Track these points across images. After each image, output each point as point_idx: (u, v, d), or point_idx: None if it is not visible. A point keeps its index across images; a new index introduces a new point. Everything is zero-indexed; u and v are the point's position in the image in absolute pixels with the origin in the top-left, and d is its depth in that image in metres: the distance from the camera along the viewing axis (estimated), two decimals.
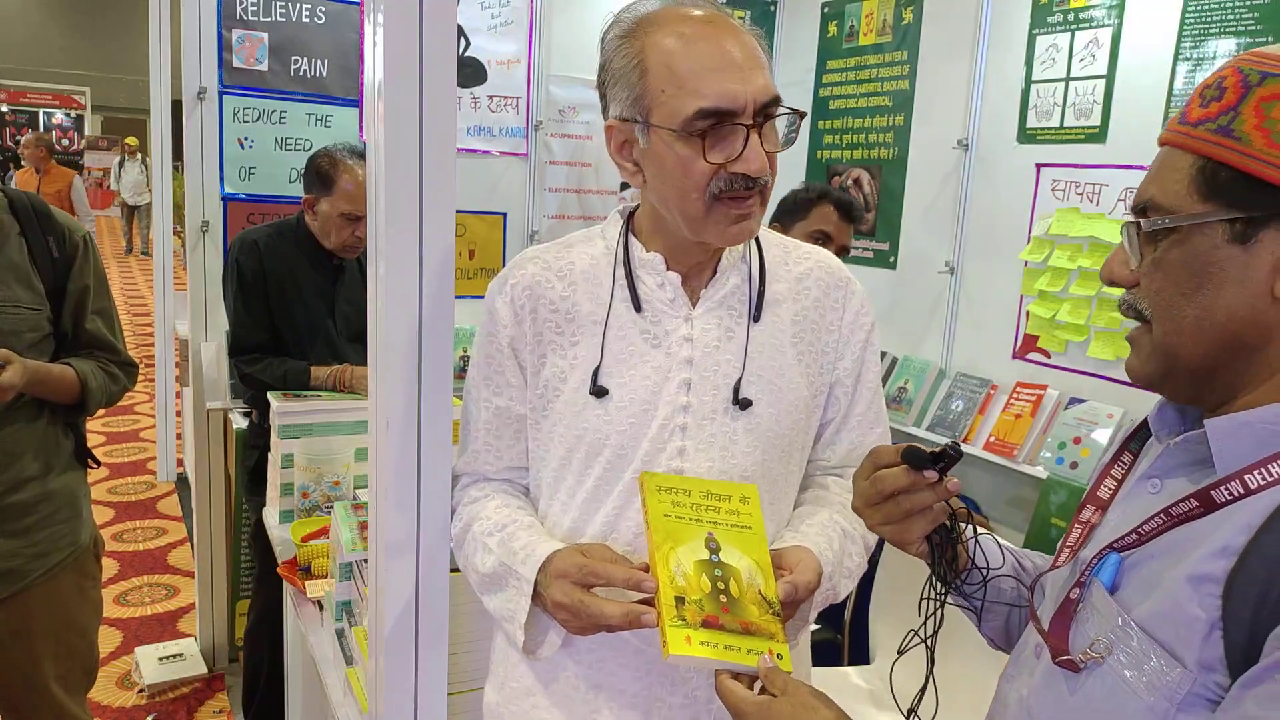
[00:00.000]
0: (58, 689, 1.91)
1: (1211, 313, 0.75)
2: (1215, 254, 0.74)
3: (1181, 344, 0.77)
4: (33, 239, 1.78)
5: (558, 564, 1.07)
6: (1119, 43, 2.68)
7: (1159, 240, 0.76)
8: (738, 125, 1.05)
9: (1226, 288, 0.74)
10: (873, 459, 0.94)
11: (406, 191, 1.01)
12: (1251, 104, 0.71)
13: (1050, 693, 0.81)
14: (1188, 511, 0.74)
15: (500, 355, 1.21)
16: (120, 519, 4.51)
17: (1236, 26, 2.40)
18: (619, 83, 1.10)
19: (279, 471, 2.11)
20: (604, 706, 1.17)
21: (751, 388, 1.16)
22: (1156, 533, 0.76)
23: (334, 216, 2.48)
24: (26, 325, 1.75)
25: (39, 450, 1.82)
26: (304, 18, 3.14)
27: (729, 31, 1.07)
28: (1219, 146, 0.73)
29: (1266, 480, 0.70)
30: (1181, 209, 0.75)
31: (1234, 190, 0.72)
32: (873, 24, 3.48)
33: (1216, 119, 0.73)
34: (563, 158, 3.65)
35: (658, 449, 1.14)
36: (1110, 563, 0.78)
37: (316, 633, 1.74)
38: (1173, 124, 0.78)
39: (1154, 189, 0.77)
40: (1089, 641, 0.77)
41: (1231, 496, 0.72)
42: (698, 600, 1.00)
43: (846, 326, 1.23)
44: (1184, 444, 0.79)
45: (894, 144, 3.40)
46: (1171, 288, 0.76)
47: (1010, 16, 2.98)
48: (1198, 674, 0.69)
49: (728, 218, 1.09)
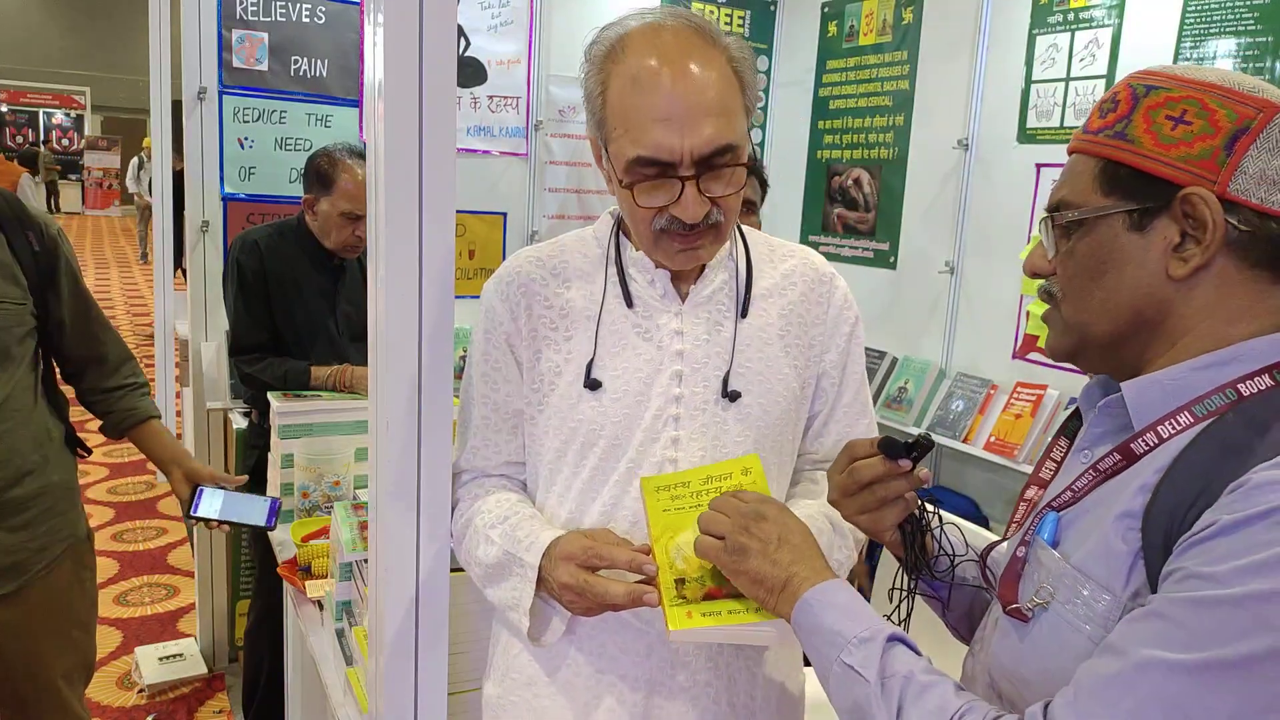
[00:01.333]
0: (62, 684, 1.91)
1: (1116, 293, 0.85)
2: (1116, 241, 0.84)
3: (1090, 320, 0.87)
4: (12, 234, 1.77)
5: (563, 546, 1.11)
6: (1119, 43, 2.68)
7: (1071, 232, 0.87)
8: (674, 178, 1.08)
9: (1128, 270, 0.84)
10: (849, 452, 1.00)
11: (406, 191, 1.01)
12: (1141, 112, 0.83)
13: (1004, 644, 0.88)
14: (1113, 465, 0.84)
15: (497, 351, 1.24)
16: (120, 519, 4.51)
17: (1236, 26, 2.40)
18: (588, 103, 1.15)
19: (279, 471, 2.12)
20: (606, 692, 1.19)
21: (740, 380, 1.20)
22: (1088, 489, 0.85)
23: (334, 216, 2.48)
24: (13, 320, 1.75)
25: (36, 442, 1.82)
26: (304, 18, 3.14)
27: (684, 77, 1.06)
28: (1117, 149, 0.84)
29: (1176, 429, 0.81)
30: (1088, 204, 0.86)
31: (1130, 185, 0.83)
32: (873, 24, 3.48)
33: (1113, 126, 0.85)
34: (562, 158, 3.66)
35: (651, 439, 1.17)
36: (1049, 521, 0.87)
37: (316, 633, 1.74)
38: (1077, 135, 0.89)
39: (1065, 190, 0.88)
40: (1035, 591, 0.85)
41: (1148, 446, 0.82)
42: (698, 578, 1.03)
43: (831, 320, 1.27)
44: (1105, 409, 0.88)
45: (894, 144, 3.40)
46: (1081, 273, 0.86)
47: (1010, 16, 2.98)
48: (1126, 601, 0.77)
49: (674, 248, 1.14)
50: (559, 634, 1.18)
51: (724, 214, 1.13)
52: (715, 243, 1.16)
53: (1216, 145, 0.80)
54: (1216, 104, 0.80)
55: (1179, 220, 0.81)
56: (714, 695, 1.19)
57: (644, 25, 1.12)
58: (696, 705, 1.19)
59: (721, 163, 1.09)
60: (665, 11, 1.13)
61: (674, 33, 1.10)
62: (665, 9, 1.14)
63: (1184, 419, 0.80)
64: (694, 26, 1.11)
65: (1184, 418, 0.80)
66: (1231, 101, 0.80)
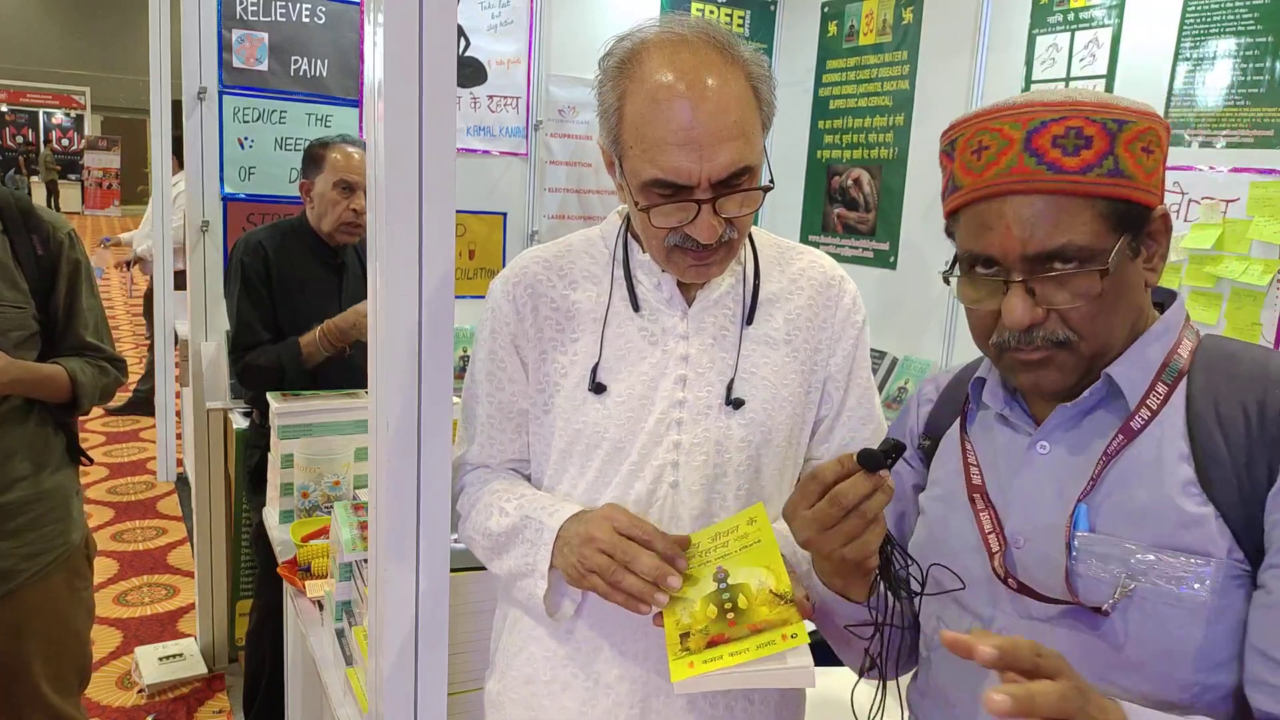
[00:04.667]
0: (48, 689, 1.90)
1: (1126, 316, 0.91)
2: (1126, 271, 0.89)
3: (1108, 347, 0.92)
4: (15, 237, 1.77)
5: (607, 510, 1.11)
6: (1119, 43, 2.68)
7: (1092, 278, 0.87)
8: (689, 201, 1.07)
9: (1132, 296, 0.91)
10: (817, 481, 0.92)
11: (406, 191, 1.01)
12: (1122, 146, 0.86)
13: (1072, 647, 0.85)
14: (1118, 446, 0.90)
15: (503, 351, 1.24)
16: (120, 519, 4.51)
17: (1236, 26, 2.40)
18: (602, 116, 1.13)
19: (279, 471, 2.12)
20: (604, 693, 1.19)
21: (745, 385, 1.19)
22: (1102, 474, 0.90)
23: (328, 193, 2.49)
24: (12, 324, 1.75)
25: (29, 450, 1.82)
26: (304, 18, 3.14)
27: (703, 100, 1.04)
28: (1116, 186, 0.86)
29: (1160, 397, 0.90)
30: (1106, 246, 0.87)
31: (1130, 217, 0.88)
32: (873, 24, 3.48)
33: (1101, 164, 0.86)
34: (563, 158, 3.65)
35: (654, 443, 1.17)
36: (1081, 513, 0.90)
37: (316, 633, 1.73)
38: (1035, 173, 0.86)
39: (1068, 236, 0.86)
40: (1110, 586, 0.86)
41: (1144, 421, 0.90)
42: (702, 629, 1.01)
43: (839, 324, 1.26)
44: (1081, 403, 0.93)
45: (894, 144, 3.40)
46: (1105, 311, 0.89)
47: (1010, 16, 2.98)
48: (1228, 560, 0.83)
49: (686, 263, 1.14)
50: (570, 611, 1.18)
51: (737, 232, 1.12)
52: (728, 258, 1.16)
53: (1162, 169, 0.90)
54: (1161, 130, 0.89)
55: (1149, 235, 0.90)
56: (712, 697, 1.19)
57: (662, 38, 1.08)
58: (694, 707, 1.19)
59: (738, 184, 1.07)
60: (685, 23, 1.10)
61: (693, 49, 1.06)
62: (685, 19, 1.11)
63: (1160, 388, 0.90)
64: (714, 42, 1.08)
65: (1160, 387, 0.91)
66: (1166, 127, 0.90)
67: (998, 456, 1.00)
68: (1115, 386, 0.92)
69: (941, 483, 1.06)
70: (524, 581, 1.17)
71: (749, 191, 1.09)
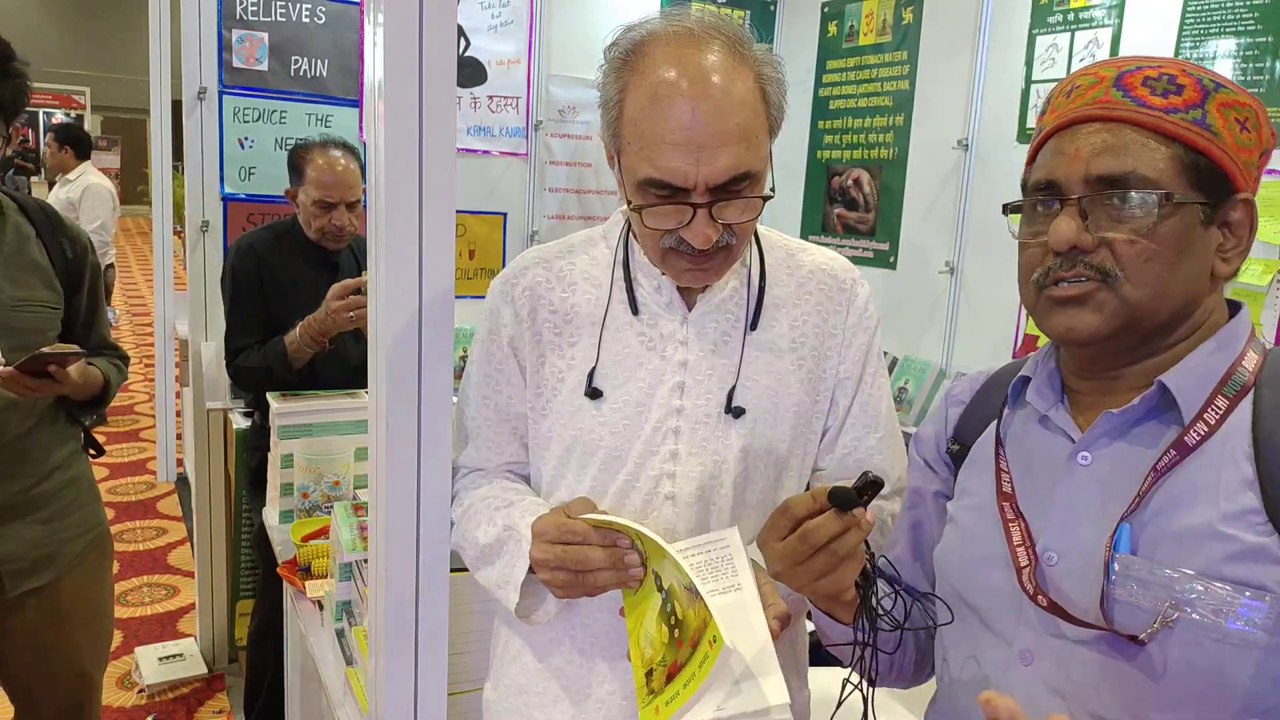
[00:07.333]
0: (93, 670, 1.98)
1: (1180, 282, 0.83)
2: (1193, 232, 0.82)
3: (1154, 305, 0.83)
4: (49, 242, 1.84)
5: (537, 526, 1.08)
6: (1119, 43, 2.68)
7: (1153, 211, 0.81)
8: (685, 204, 1.02)
9: (1191, 263, 0.83)
10: (788, 516, 0.88)
11: (406, 191, 1.01)
12: (1215, 105, 0.81)
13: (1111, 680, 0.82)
14: (1169, 462, 0.82)
15: (501, 354, 1.21)
16: (120, 519, 4.50)
17: (1236, 26, 2.40)
18: (604, 108, 1.09)
19: (279, 471, 2.12)
20: (595, 710, 1.18)
21: (746, 394, 1.14)
22: (1150, 491, 0.82)
23: (308, 205, 2.51)
24: (49, 324, 1.81)
25: (63, 439, 1.89)
26: (304, 18, 3.14)
27: (705, 100, 0.99)
28: (1200, 137, 0.81)
29: (1218, 414, 0.82)
30: (1176, 189, 0.81)
31: (1210, 178, 0.82)
32: (873, 24, 3.48)
33: (1185, 111, 0.81)
34: (563, 158, 3.65)
35: (650, 452, 1.14)
36: (1124, 533, 0.82)
37: (316, 633, 1.73)
38: (1119, 104, 0.83)
39: (1135, 164, 0.82)
40: (1149, 614, 0.79)
41: (1200, 436, 0.82)
42: (660, 659, 0.99)
43: (849, 329, 1.21)
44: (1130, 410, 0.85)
45: (894, 144, 3.40)
46: (1159, 255, 0.82)
47: (1010, 16, 2.98)
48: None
49: (681, 266, 1.10)
50: (551, 614, 1.15)
51: (736, 237, 1.07)
52: (726, 264, 1.11)
53: (1256, 158, 0.83)
54: (1264, 119, 0.83)
55: (1226, 221, 0.84)
56: None
57: (669, 31, 1.03)
58: None
59: (738, 190, 1.03)
60: (695, 17, 1.05)
61: (701, 45, 1.01)
62: (696, 14, 1.06)
63: (1220, 403, 0.82)
64: (724, 38, 1.02)
65: (1220, 401, 0.82)
66: (1268, 120, 0.84)
67: (1034, 465, 0.93)
68: (1169, 396, 0.84)
69: (973, 492, 0.99)
70: (499, 593, 1.15)
71: (748, 199, 1.04)
